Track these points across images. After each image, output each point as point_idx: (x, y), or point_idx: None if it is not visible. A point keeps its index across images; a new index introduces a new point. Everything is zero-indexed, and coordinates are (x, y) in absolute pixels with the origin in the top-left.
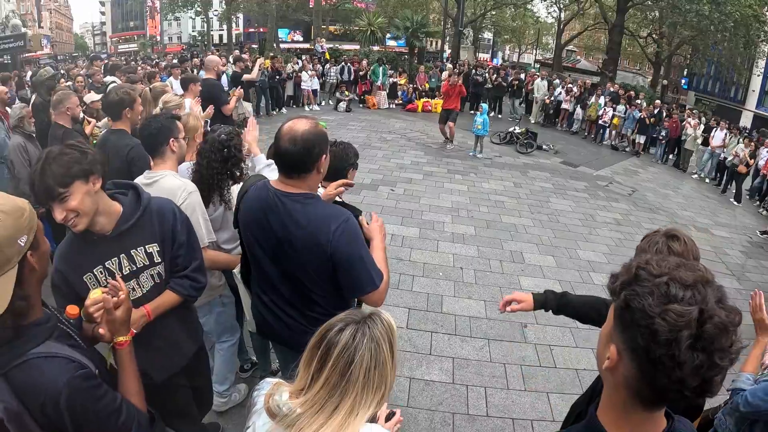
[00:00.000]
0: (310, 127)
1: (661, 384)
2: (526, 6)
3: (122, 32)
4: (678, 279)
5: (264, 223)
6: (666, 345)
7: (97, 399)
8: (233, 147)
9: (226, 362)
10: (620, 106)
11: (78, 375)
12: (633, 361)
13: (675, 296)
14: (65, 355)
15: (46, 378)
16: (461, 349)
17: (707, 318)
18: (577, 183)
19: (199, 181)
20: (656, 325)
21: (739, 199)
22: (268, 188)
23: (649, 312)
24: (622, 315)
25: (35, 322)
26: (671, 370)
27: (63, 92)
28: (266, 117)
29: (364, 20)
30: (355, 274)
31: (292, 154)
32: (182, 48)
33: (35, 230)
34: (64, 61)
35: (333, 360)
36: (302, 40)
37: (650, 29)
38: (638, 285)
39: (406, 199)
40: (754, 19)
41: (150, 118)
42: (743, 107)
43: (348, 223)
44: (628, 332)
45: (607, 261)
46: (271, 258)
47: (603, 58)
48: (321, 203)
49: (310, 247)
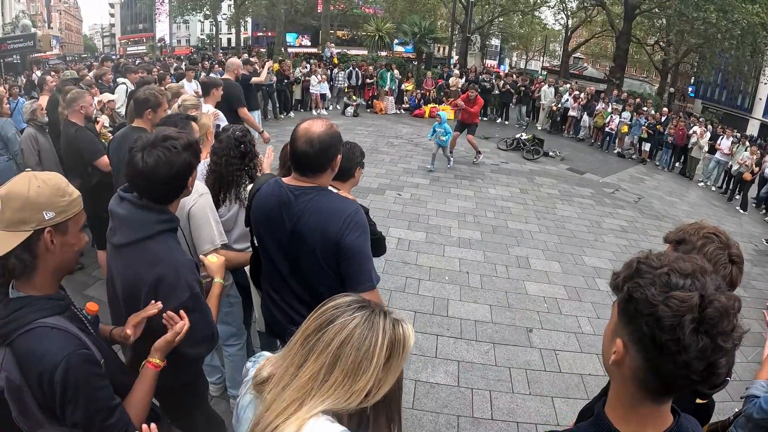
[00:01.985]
0: (326, 128)
1: (668, 370)
2: (533, 13)
3: (131, 34)
4: (677, 269)
5: (276, 217)
6: (671, 330)
7: (94, 387)
8: (248, 143)
9: (237, 367)
10: (626, 113)
11: (80, 353)
12: (639, 351)
13: (676, 284)
14: (71, 332)
15: (47, 347)
16: (467, 352)
17: (708, 302)
18: (583, 190)
19: (217, 180)
20: (660, 312)
21: (745, 207)
22: (281, 185)
23: (652, 300)
24: (625, 307)
25: (47, 296)
26: (677, 354)
27: (77, 91)
28: (274, 120)
29: (372, 25)
30: (356, 266)
31: (309, 155)
32: (191, 51)
33: (68, 217)
34: (74, 62)
35: (314, 326)
36: (310, 44)
37: (657, 37)
38: (640, 278)
39: (413, 203)
40: (761, 27)
41: (165, 118)
42: (750, 115)
43: (358, 215)
44: (632, 323)
45: (613, 267)
46: (283, 252)
47: (610, 66)
48: (333, 195)
49: (319, 237)
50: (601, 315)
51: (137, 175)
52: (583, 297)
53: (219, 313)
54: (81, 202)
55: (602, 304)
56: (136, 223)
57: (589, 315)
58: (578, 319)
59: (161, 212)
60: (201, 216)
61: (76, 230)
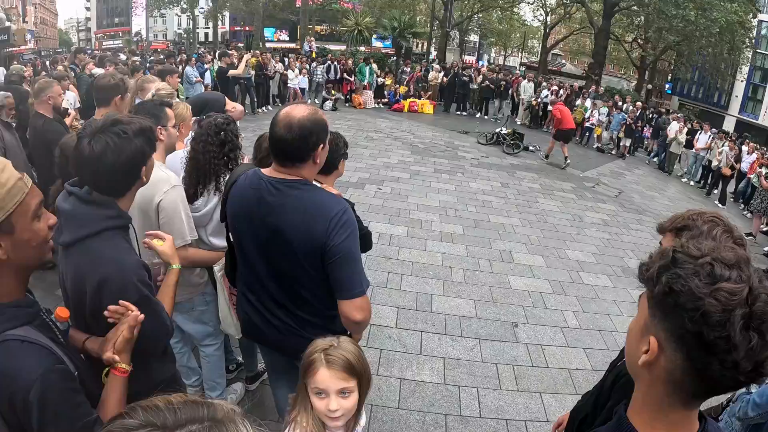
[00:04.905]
0: (308, 114)
1: (714, 370)
2: (512, 9)
3: (107, 28)
4: (721, 259)
5: (255, 211)
6: (720, 326)
7: (72, 405)
8: (230, 131)
9: (214, 368)
10: (604, 108)
11: (56, 369)
12: (679, 350)
13: (722, 275)
14: (44, 344)
15: (19, 365)
16: (452, 349)
17: (756, 296)
18: (564, 184)
19: (195, 168)
20: (707, 306)
21: (723, 202)
22: (260, 176)
23: (698, 293)
24: (663, 301)
25: (13, 303)
26: (726, 353)
27: (45, 80)
28: (251, 115)
29: (352, 20)
30: (346, 271)
31: (286, 141)
32: (167, 45)
33: (8, 212)
34: (48, 57)
35: None
36: (288, 39)
37: (636, 34)
38: (679, 268)
39: (394, 197)
40: (739, 25)
41: (138, 105)
42: (726, 112)
43: (346, 213)
44: (671, 319)
45: (596, 261)
46: (262, 251)
47: (589, 62)
48: (319, 190)
49: (304, 236)
50: (587, 309)
51: (83, 164)
52: (568, 291)
53: (194, 312)
54: (23, 187)
55: (587, 298)
56: (81, 220)
57: (574, 309)
58: (564, 313)
59: (108, 208)
60: (172, 209)
61: (26, 223)
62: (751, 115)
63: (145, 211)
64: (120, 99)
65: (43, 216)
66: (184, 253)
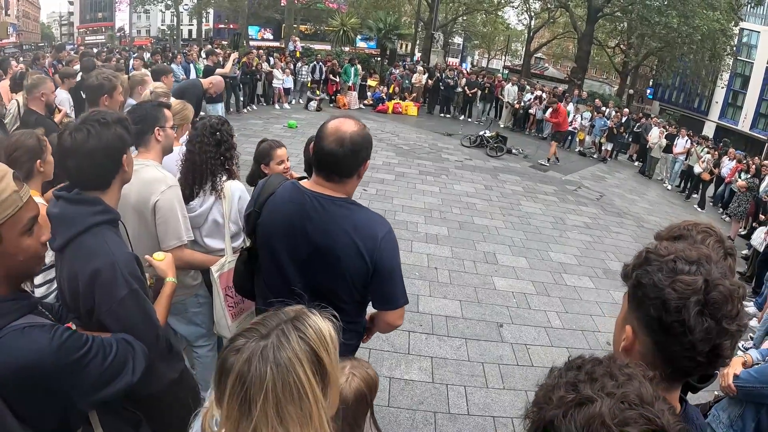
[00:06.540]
0: (358, 129)
1: (674, 351)
2: (497, 13)
3: (90, 23)
4: (684, 256)
5: (299, 229)
6: (676, 312)
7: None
8: (225, 132)
9: (208, 368)
10: (586, 113)
11: (63, 340)
12: (648, 335)
13: (682, 269)
14: (45, 323)
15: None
16: (439, 348)
17: (713, 286)
18: (546, 187)
19: (191, 169)
20: (666, 294)
21: (703, 206)
22: (303, 191)
23: (659, 285)
24: (634, 294)
25: (8, 297)
26: (682, 335)
27: (39, 77)
28: (236, 114)
29: (337, 20)
30: (392, 286)
31: (337, 156)
32: (151, 41)
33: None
34: (30, 50)
35: (229, 392)
36: (272, 38)
37: (619, 40)
38: (648, 265)
39: (379, 199)
40: (721, 33)
41: (136, 105)
42: (706, 118)
43: (392, 233)
44: (641, 309)
45: (578, 263)
46: (300, 265)
47: (572, 67)
48: (365, 210)
49: (353, 256)
50: (569, 310)
51: (66, 154)
52: (551, 292)
53: (187, 314)
54: (18, 201)
55: (570, 299)
56: (70, 220)
57: (557, 309)
58: (547, 313)
59: (95, 204)
60: (168, 209)
61: (15, 237)
62: (730, 120)
63: (141, 212)
64: (107, 98)
65: (36, 231)
66: (180, 254)
